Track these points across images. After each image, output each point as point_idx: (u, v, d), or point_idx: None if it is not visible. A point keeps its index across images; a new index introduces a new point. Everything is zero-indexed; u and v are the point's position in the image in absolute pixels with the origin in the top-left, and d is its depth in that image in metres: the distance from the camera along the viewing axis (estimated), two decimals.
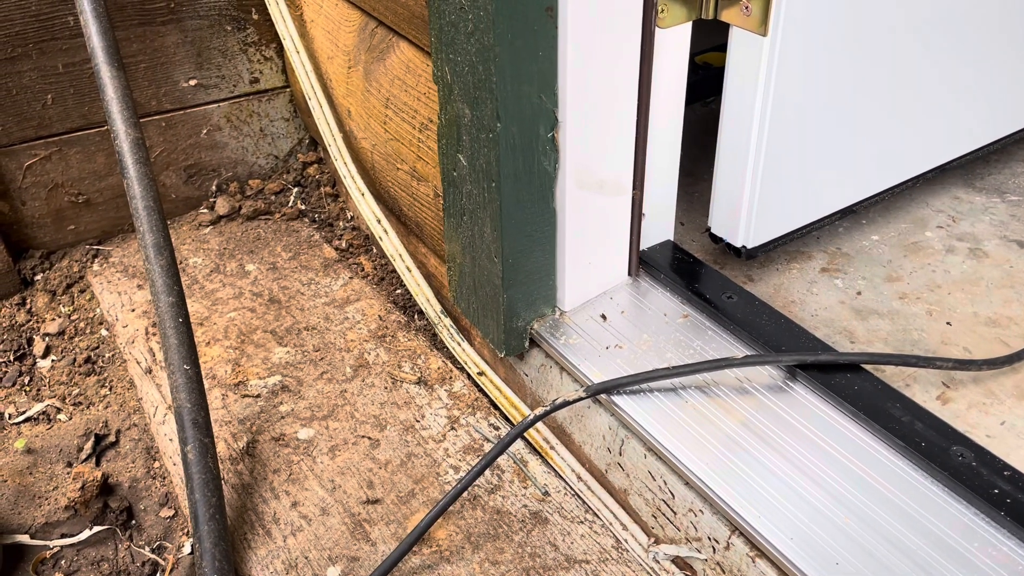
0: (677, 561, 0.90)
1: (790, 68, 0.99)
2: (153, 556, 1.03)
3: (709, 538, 0.86)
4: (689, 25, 0.98)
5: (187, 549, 1.03)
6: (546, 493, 1.01)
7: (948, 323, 1.09)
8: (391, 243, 1.29)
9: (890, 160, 1.23)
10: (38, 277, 1.44)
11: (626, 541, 0.94)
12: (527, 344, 1.08)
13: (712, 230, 1.15)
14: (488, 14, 0.83)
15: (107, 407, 1.22)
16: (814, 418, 0.91)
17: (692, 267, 1.11)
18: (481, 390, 1.17)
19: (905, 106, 1.18)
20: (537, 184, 0.95)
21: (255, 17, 1.51)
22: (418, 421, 1.12)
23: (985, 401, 0.96)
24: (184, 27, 1.45)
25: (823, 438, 0.88)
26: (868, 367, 0.96)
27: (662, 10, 0.92)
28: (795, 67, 1.00)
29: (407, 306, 1.35)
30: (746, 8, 0.90)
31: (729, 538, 0.84)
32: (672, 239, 1.17)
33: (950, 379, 1.00)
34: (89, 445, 1.14)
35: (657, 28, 0.93)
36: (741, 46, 1.00)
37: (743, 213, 1.09)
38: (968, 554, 0.76)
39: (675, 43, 0.99)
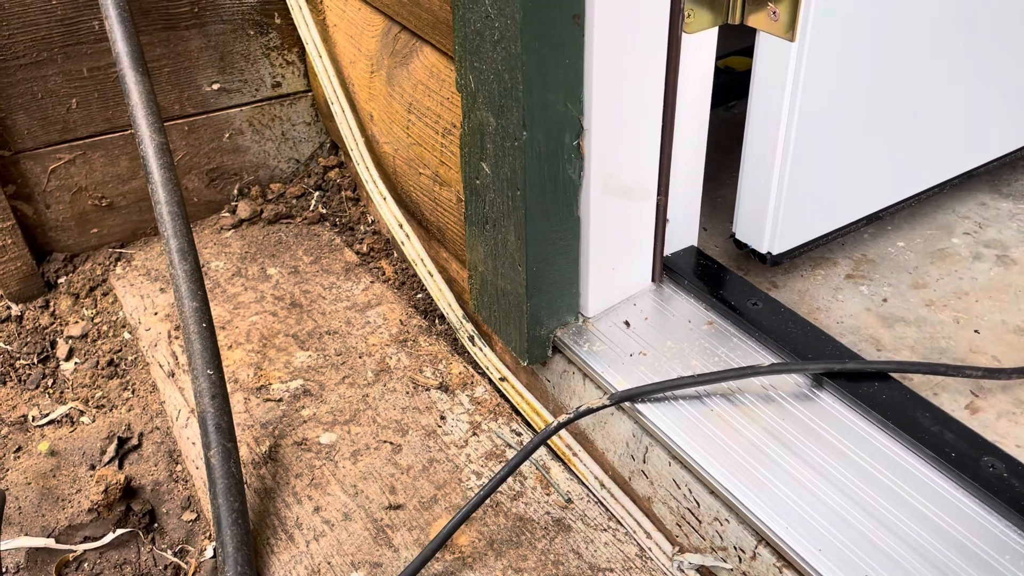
0: (702, 571, 0.89)
1: (818, 74, 0.98)
2: (175, 560, 1.03)
3: (735, 547, 0.85)
4: (715, 30, 0.97)
5: (209, 553, 1.03)
6: (569, 500, 1.01)
7: (976, 331, 1.08)
8: (413, 248, 1.29)
9: (917, 166, 1.22)
10: (61, 280, 1.45)
11: (650, 550, 0.94)
12: (550, 352, 1.08)
13: (737, 236, 1.15)
14: (515, 23, 0.82)
15: (130, 410, 1.22)
16: (842, 427, 0.90)
17: (716, 273, 1.11)
18: (503, 395, 1.16)
19: (932, 112, 1.17)
20: (562, 192, 0.95)
21: (278, 21, 1.52)
22: (440, 426, 1.11)
23: (1015, 411, 0.95)
24: (207, 31, 1.45)
25: (851, 447, 0.87)
26: (895, 375, 0.95)
27: (688, 15, 0.91)
28: (823, 73, 0.99)
29: (428, 310, 1.35)
30: (773, 13, 0.89)
31: (756, 548, 0.83)
32: (696, 245, 1.16)
33: (979, 388, 0.98)
34: (112, 448, 1.14)
35: (683, 33, 0.93)
36: (768, 51, 0.99)
37: (769, 219, 1.08)
38: (1000, 567, 0.75)
39: (701, 48, 0.99)
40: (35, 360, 1.31)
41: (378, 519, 0.99)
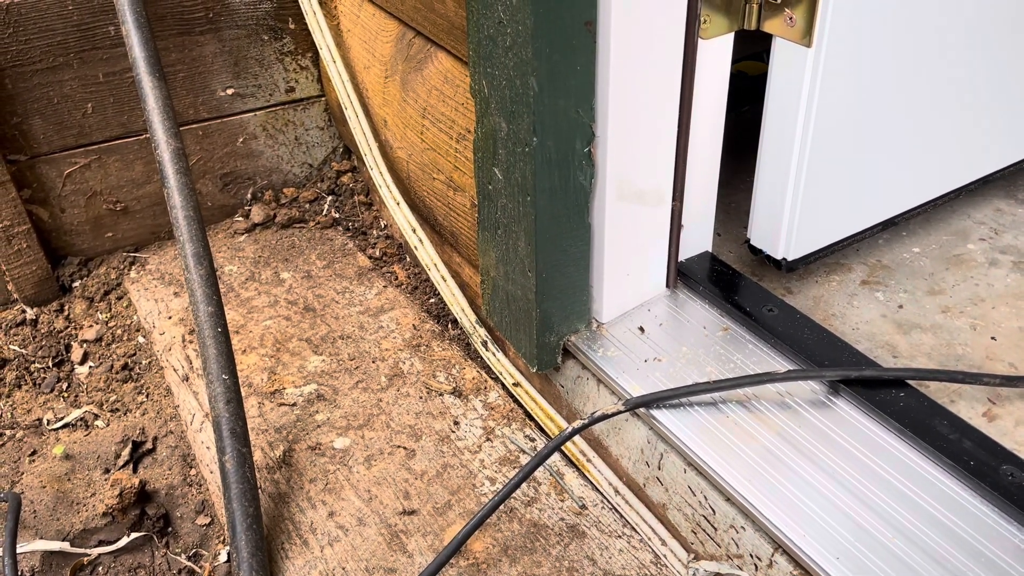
0: None
1: (834, 79, 0.98)
2: (189, 564, 1.03)
3: (751, 555, 0.85)
4: (731, 36, 0.97)
5: (223, 557, 1.03)
6: (583, 506, 1.00)
7: (993, 338, 1.07)
8: (426, 252, 1.29)
9: (932, 172, 1.21)
10: (76, 284, 1.46)
11: (665, 557, 0.93)
12: (559, 359, 1.07)
13: (751, 242, 1.14)
14: (527, 28, 0.82)
15: (144, 414, 1.22)
16: (859, 435, 0.89)
17: (731, 279, 1.10)
18: (516, 401, 1.16)
19: (948, 118, 1.16)
20: (572, 199, 0.95)
21: (292, 27, 1.52)
22: (453, 431, 1.11)
23: None
24: (222, 36, 1.46)
25: (868, 455, 0.87)
26: (913, 383, 0.94)
27: (705, 21, 0.91)
28: (839, 79, 0.99)
29: (441, 315, 1.35)
30: (790, 19, 0.89)
31: (772, 556, 0.83)
32: (710, 250, 1.16)
33: (996, 395, 0.98)
34: (126, 452, 1.14)
35: (700, 39, 0.93)
36: (784, 57, 0.99)
37: (784, 225, 1.08)
38: None
39: (717, 54, 0.98)
40: (50, 364, 1.32)
41: (392, 524, 0.99)
